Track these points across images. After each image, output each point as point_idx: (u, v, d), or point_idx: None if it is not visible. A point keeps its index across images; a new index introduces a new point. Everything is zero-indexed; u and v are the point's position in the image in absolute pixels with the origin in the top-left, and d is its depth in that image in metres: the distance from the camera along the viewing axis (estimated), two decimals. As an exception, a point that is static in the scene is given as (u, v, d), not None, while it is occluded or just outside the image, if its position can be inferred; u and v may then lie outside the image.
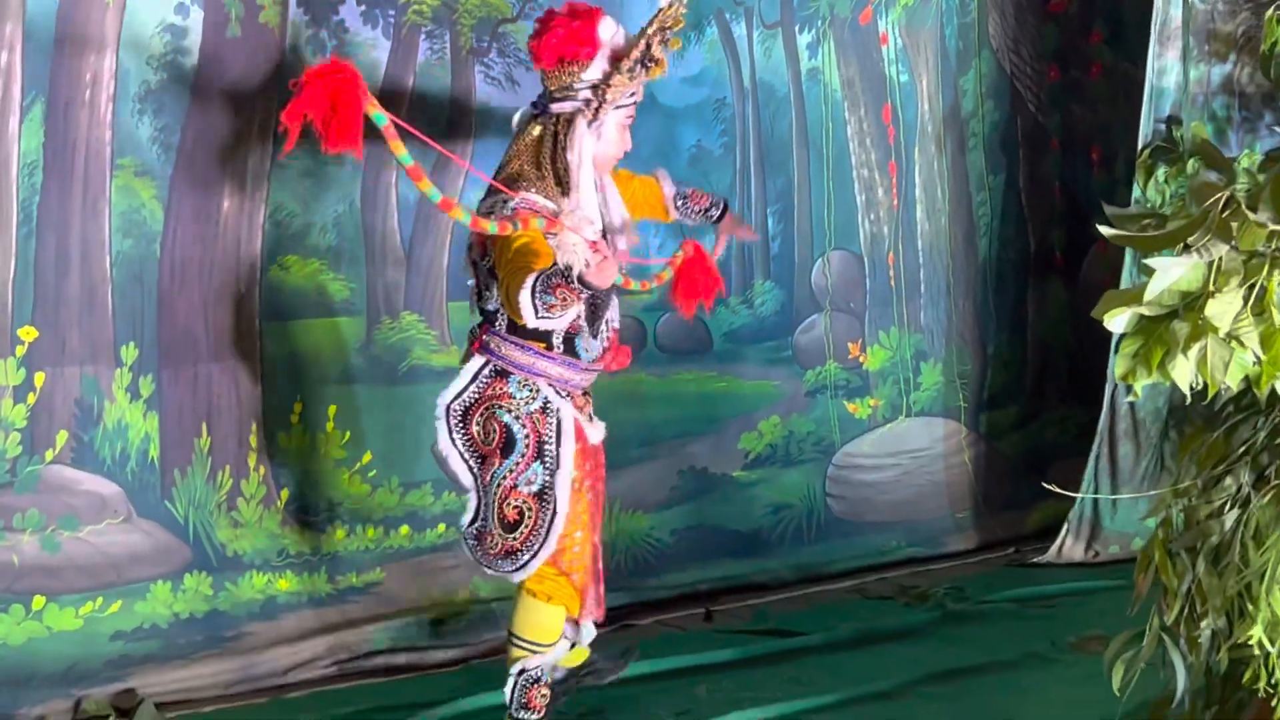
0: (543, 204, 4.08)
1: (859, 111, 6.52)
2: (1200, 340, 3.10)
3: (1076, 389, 6.86)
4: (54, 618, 4.84)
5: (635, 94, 4.28)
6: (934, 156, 6.73)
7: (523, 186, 4.17)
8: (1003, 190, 7.00)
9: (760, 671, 5.14)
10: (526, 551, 4.24)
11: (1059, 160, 7.17)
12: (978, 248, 6.93)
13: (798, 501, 6.41)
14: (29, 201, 4.77)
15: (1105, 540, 6.35)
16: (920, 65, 6.65)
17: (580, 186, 4.20)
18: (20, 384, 4.78)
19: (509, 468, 4.24)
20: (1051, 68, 7.08)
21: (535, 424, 4.26)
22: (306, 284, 5.37)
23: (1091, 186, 7.06)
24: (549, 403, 4.28)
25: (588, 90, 4.24)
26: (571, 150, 4.22)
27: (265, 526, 5.31)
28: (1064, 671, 5.02)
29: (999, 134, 6.96)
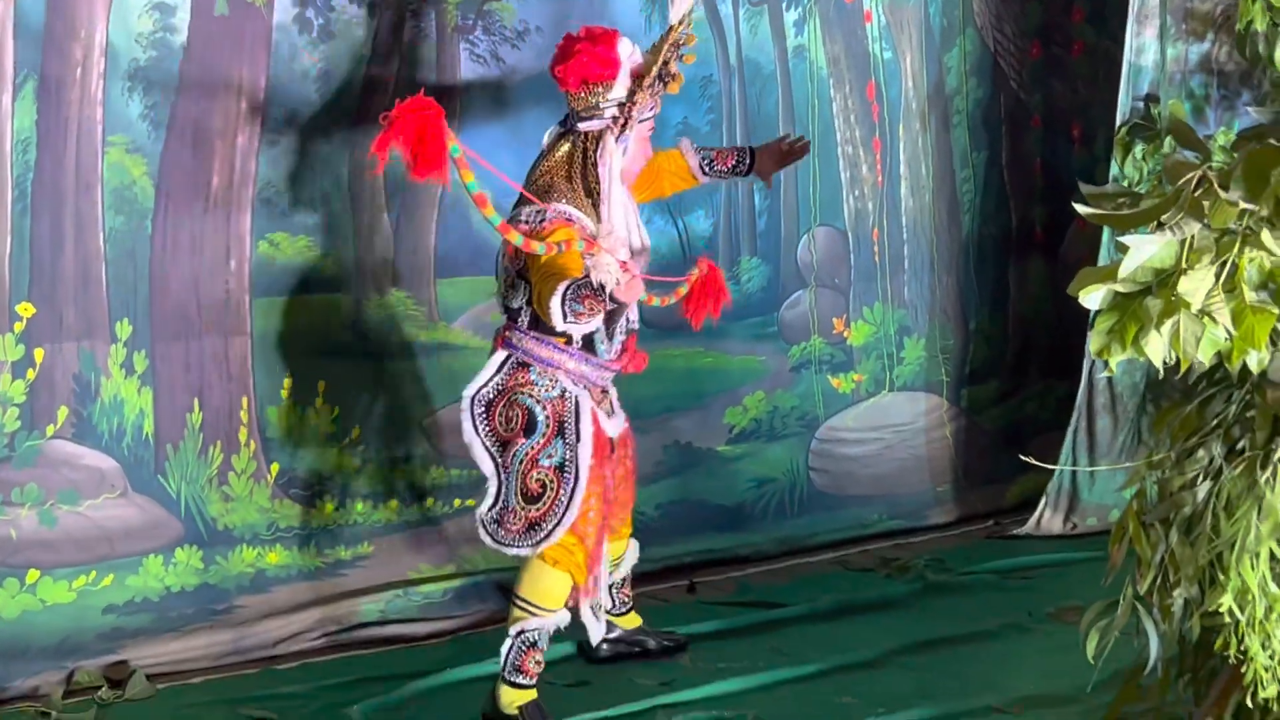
0: (575, 214, 4.38)
1: (844, 89, 6.56)
2: (1173, 316, 3.17)
3: (1057, 364, 6.90)
4: (48, 591, 4.89)
5: (655, 107, 4.56)
6: (918, 133, 6.77)
7: (554, 198, 4.44)
8: (986, 167, 7.04)
9: (743, 642, 5.21)
10: (550, 521, 4.44)
11: (1041, 137, 7.22)
12: (961, 224, 6.98)
13: (781, 475, 6.47)
14: (23, 178, 4.81)
15: (1083, 512, 6.42)
16: (904, 43, 6.69)
17: (612, 199, 4.48)
18: (19, 359, 4.83)
19: (532, 444, 4.46)
20: (1034, 45, 7.12)
21: (554, 407, 4.49)
22: (295, 260, 5.41)
23: (1072, 164, 7.11)
24: (567, 391, 4.51)
25: (614, 108, 4.51)
26: (603, 164, 4.49)
27: (255, 501, 5.35)
28: (1042, 641, 5.08)
29: (982, 111, 7.00)
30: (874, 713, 4.49)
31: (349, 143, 5.45)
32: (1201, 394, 3.71)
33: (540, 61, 5.76)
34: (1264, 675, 3.46)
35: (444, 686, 4.84)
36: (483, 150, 5.64)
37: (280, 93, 5.31)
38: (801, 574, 6.03)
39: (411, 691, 4.76)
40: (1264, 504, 3.43)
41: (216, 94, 5.19)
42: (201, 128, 5.16)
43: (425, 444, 5.70)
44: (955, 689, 4.67)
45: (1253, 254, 3.21)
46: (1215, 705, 3.70)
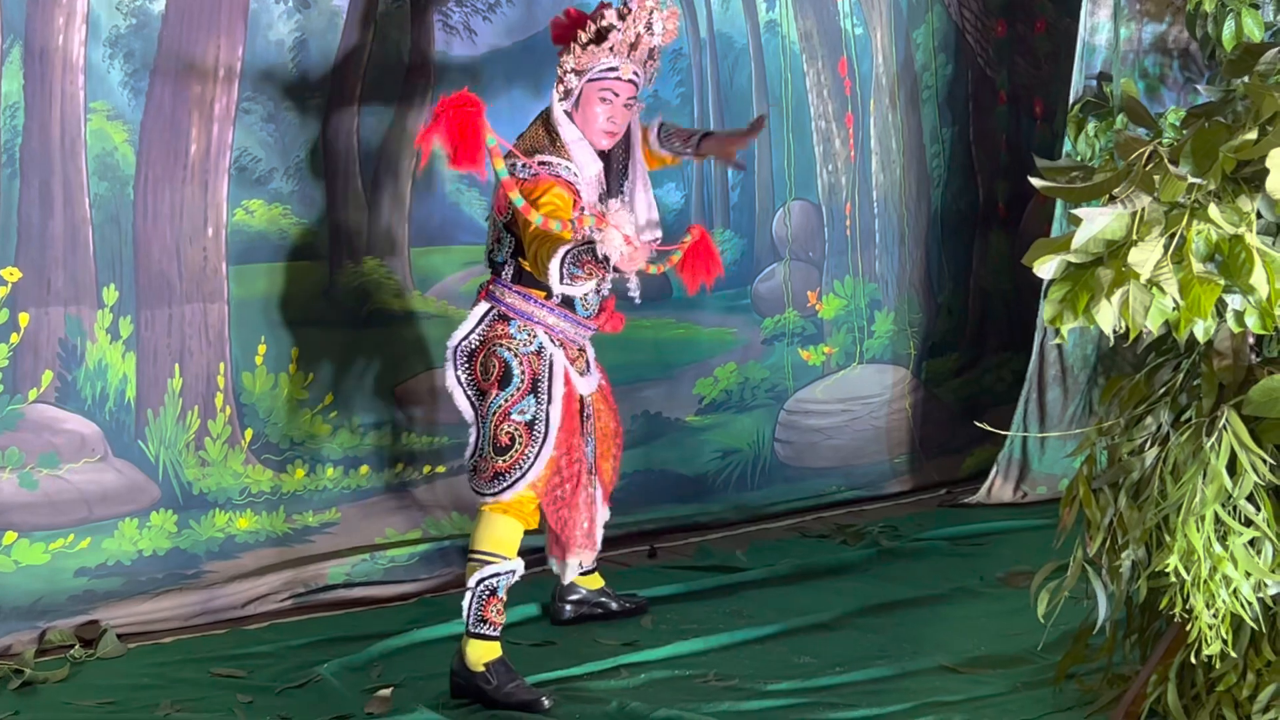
0: (555, 161, 4.59)
1: (816, 64, 6.65)
2: (1123, 286, 3.31)
3: (1015, 337, 7.00)
4: (23, 553, 4.95)
5: (616, 70, 4.67)
6: (888, 109, 6.87)
7: (540, 152, 4.63)
8: (954, 143, 7.14)
9: (703, 604, 5.32)
10: (514, 474, 4.59)
11: (1006, 114, 7.33)
12: (930, 199, 7.08)
13: (746, 447, 6.58)
14: (11, 143, 4.86)
15: (1033, 481, 6.56)
16: (874, 19, 6.78)
17: (573, 144, 4.65)
18: (3, 324, 4.88)
19: (505, 397, 4.62)
20: (999, 23, 7.23)
21: (530, 363, 4.65)
22: (270, 228, 5.48)
23: (1035, 140, 7.19)
24: (544, 347, 4.67)
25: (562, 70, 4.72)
26: (553, 116, 4.69)
27: (230, 466, 5.44)
28: (992, 604, 5.19)
29: (950, 88, 7.09)
30: (830, 672, 4.59)
31: (324, 111, 5.54)
32: (1150, 363, 3.87)
33: (511, 34, 5.90)
34: (1208, 633, 3.60)
35: (410, 646, 4.92)
36: (456, 119, 5.80)
37: (257, 62, 5.38)
38: (760, 540, 6.16)
39: (378, 651, 4.84)
40: (1209, 469, 3.56)
41: (194, 62, 5.25)
42: (180, 96, 5.23)
43: (397, 411, 5.77)
44: (909, 649, 4.77)
45: (1200, 227, 3.35)
46: (1160, 663, 3.86)
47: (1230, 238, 3.37)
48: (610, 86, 4.69)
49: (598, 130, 4.72)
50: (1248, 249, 3.35)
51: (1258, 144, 3.32)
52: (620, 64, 4.68)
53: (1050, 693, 4.25)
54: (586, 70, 4.67)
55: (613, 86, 4.69)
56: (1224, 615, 3.61)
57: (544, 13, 5.93)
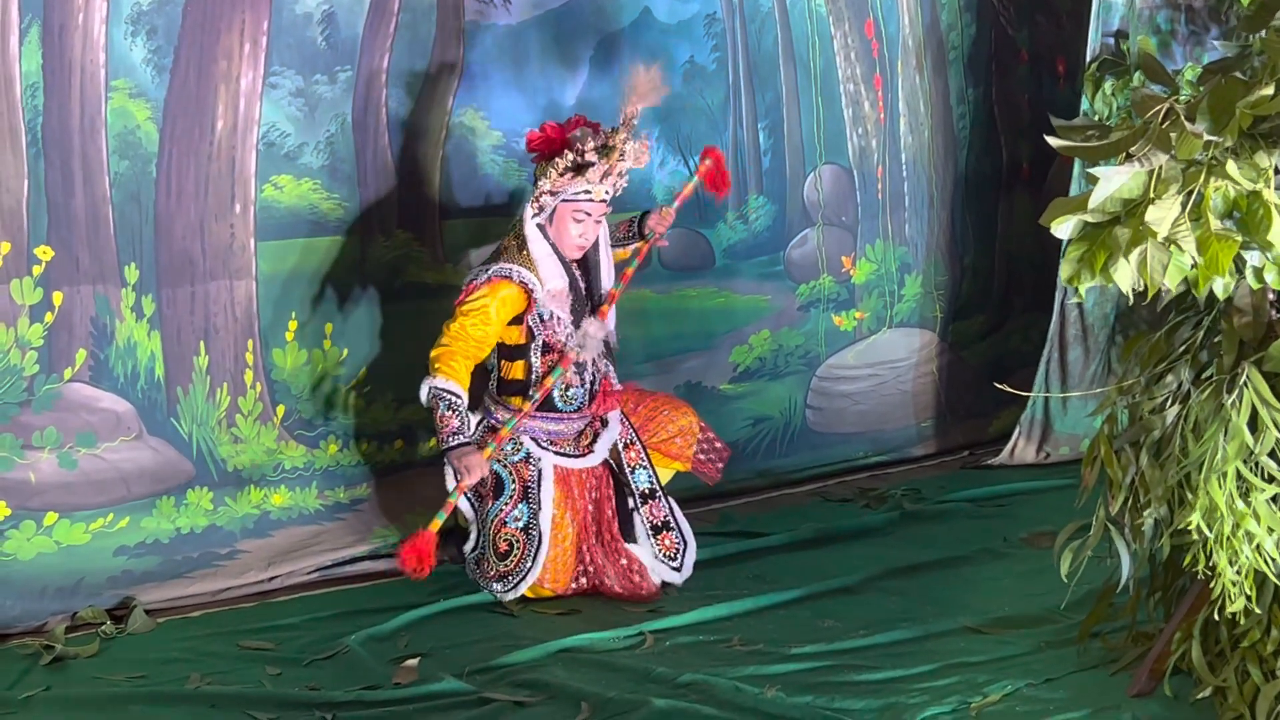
0: (514, 270, 5.07)
1: (844, 26, 6.64)
2: (1141, 244, 3.33)
3: (1041, 298, 6.93)
4: (64, 533, 4.98)
5: (589, 193, 5.08)
6: (915, 71, 6.85)
7: (504, 258, 5.12)
8: (979, 104, 7.12)
9: (727, 570, 5.37)
10: (516, 576, 5.06)
11: (1028, 74, 7.31)
12: (957, 161, 7.07)
13: (777, 414, 6.60)
14: (34, 122, 4.86)
15: (1056, 442, 6.57)
16: (899, -22, 6.76)
17: (540, 258, 5.09)
18: (38, 303, 4.89)
19: (500, 506, 5.11)
20: (1019, -19, 7.22)
21: (520, 471, 5.14)
22: (300, 203, 5.49)
23: (1057, 99, 7.14)
24: (531, 454, 5.15)
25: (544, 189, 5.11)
26: (525, 230, 5.11)
27: (263, 442, 5.47)
28: (1015, 565, 5.22)
29: (975, 48, 7.06)
30: (854, 635, 4.62)
31: (352, 85, 5.54)
32: (1170, 321, 3.88)
33: (544, 3, 5.90)
34: (1231, 590, 3.63)
35: (436, 615, 4.99)
36: (488, 92, 5.83)
37: (284, 35, 5.39)
38: (782, 505, 6.21)
39: (405, 621, 4.90)
40: (1230, 425, 3.59)
41: (219, 37, 5.26)
42: (205, 72, 5.24)
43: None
44: (932, 611, 4.80)
45: (1218, 184, 3.36)
46: (1184, 620, 3.88)
47: (1248, 194, 3.39)
48: (584, 207, 5.10)
49: (571, 244, 5.14)
50: (1266, 205, 3.36)
51: (1274, 99, 3.32)
52: (594, 187, 5.06)
53: (1074, 652, 4.27)
54: (561, 191, 5.06)
55: (585, 207, 5.10)
56: (1247, 572, 3.64)
57: (576, -19, 5.98)
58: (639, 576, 5.12)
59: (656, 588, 5.14)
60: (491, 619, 4.98)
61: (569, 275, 5.15)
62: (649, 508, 5.25)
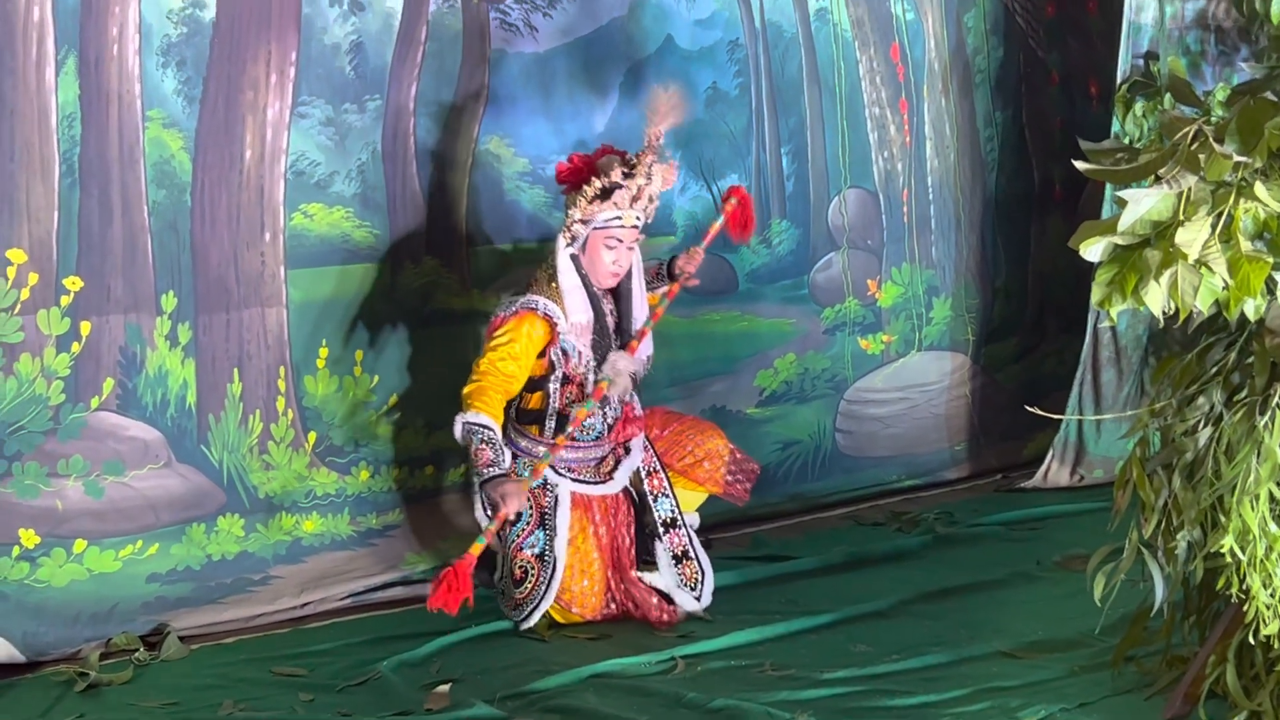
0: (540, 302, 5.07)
1: (869, 50, 6.65)
2: (1171, 267, 3.31)
3: (1075, 320, 6.89)
4: (95, 560, 5.00)
5: (620, 219, 5.09)
6: (941, 94, 6.85)
7: (532, 290, 5.12)
8: (1007, 126, 7.11)
9: (759, 594, 5.35)
10: (529, 605, 5.06)
11: (1059, 95, 7.29)
12: (986, 183, 7.06)
13: (807, 438, 6.58)
14: (70, 153, 4.91)
15: (1089, 464, 6.54)
16: (925, 4, 6.77)
17: (568, 290, 5.10)
18: (64, 333, 4.93)
19: (517, 532, 5.11)
20: (1049, 4, 7.20)
21: (536, 498, 5.12)
22: (331, 231, 5.51)
23: (1090, 121, 7.09)
24: (549, 481, 5.14)
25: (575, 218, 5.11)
26: (556, 258, 5.11)
27: (294, 469, 5.48)
28: (1049, 589, 5.19)
29: (1002, 71, 7.06)
30: (887, 659, 4.60)
31: (380, 114, 5.57)
32: (1201, 343, 3.86)
33: (572, 31, 5.93)
34: (1265, 613, 3.60)
35: (468, 641, 4.98)
36: (515, 120, 5.85)
37: (313, 66, 5.42)
38: (814, 529, 6.19)
39: (436, 647, 4.89)
40: (1263, 447, 3.57)
41: (245, 69, 5.29)
42: (233, 102, 5.27)
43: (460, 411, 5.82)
44: (965, 635, 4.77)
45: (1247, 205, 3.35)
46: (1219, 644, 3.85)
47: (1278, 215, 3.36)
48: (615, 234, 5.11)
49: (604, 272, 5.16)
50: (1296, 226, 3.35)
51: (1304, 120, 3.31)
52: (624, 213, 5.06)
53: (1109, 676, 4.24)
54: (592, 219, 5.07)
55: (617, 234, 5.11)
56: (1281, 595, 3.61)
57: (604, 9, 5.99)
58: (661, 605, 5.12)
59: (678, 614, 5.13)
60: (523, 644, 4.97)
61: (595, 309, 5.16)
62: (670, 536, 5.24)
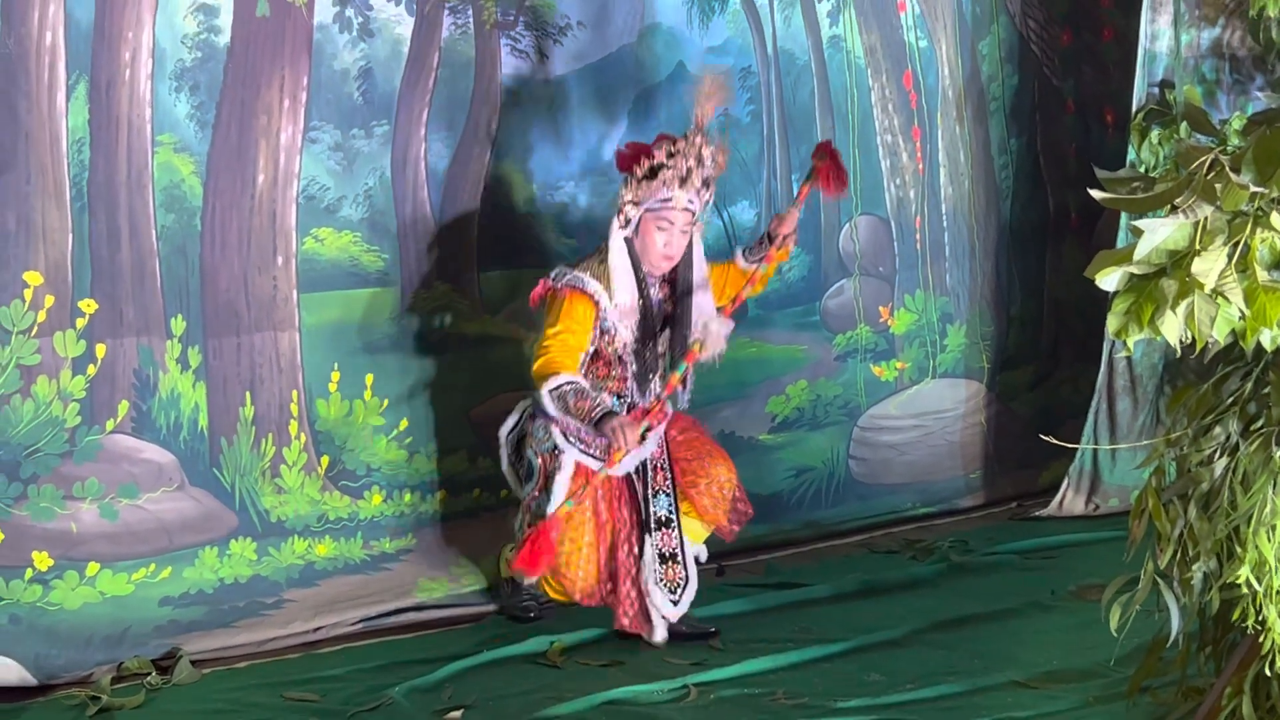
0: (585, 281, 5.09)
1: (881, 78, 6.67)
2: (1188, 297, 3.28)
3: (1091, 348, 6.88)
4: (107, 583, 5.00)
5: (670, 200, 5.09)
6: (955, 121, 6.86)
7: (580, 267, 5.15)
8: (1022, 154, 7.12)
9: (771, 622, 5.33)
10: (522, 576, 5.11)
11: (1075, 123, 7.30)
12: (1000, 211, 7.07)
13: (820, 465, 6.58)
14: (79, 177, 4.93)
15: (1105, 494, 6.54)
16: (939, 31, 6.78)
17: (616, 270, 5.11)
18: (80, 355, 4.94)
19: (527, 491, 5.23)
20: (1065, 31, 7.20)
21: (546, 461, 5.16)
22: (341, 256, 5.52)
23: (1106, 149, 7.13)
24: (557, 446, 5.14)
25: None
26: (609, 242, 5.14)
27: (307, 493, 5.48)
28: (1064, 618, 5.17)
29: (1017, 98, 7.07)
30: (901, 689, 4.58)
31: (391, 139, 5.59)
32: (1217, 373, 3.84)
33: (583, 58, 5.95)
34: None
35: (480, 667, 4.96)
36: (524, 144, 5.85)
37: (322, 91, 5.45)
38: (827, 556, 6.18)
39: (449, 673, 4.86)
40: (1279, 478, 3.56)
41: (259, 94, 5.32)
42: (245, 127, 5.30)
43: (472, 435, 5.80)
44: (980, 666, 4.75)
45: (1264, 235, 3.31)
46: (1235, 675, 3.82)
47: (1294, 245, 3.35)
48: (666, 216, 5.10)
49: (656, 255, 5.15)
50: (1312, 256, 3.33)
51: (1320, 150, 3.30)
52: (674, 194, 5.06)
53: (1123, 707, 4.21)
54: (643, 201, 5.08)
55: (668, 215, 5.10)
56: (1298, 626, 3.58)
57: (615, 35, 6.00)
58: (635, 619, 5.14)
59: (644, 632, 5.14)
60: (535, 671, 4.95)
61: (642, 296, 5.15)
62: (662, 534, 5.19)
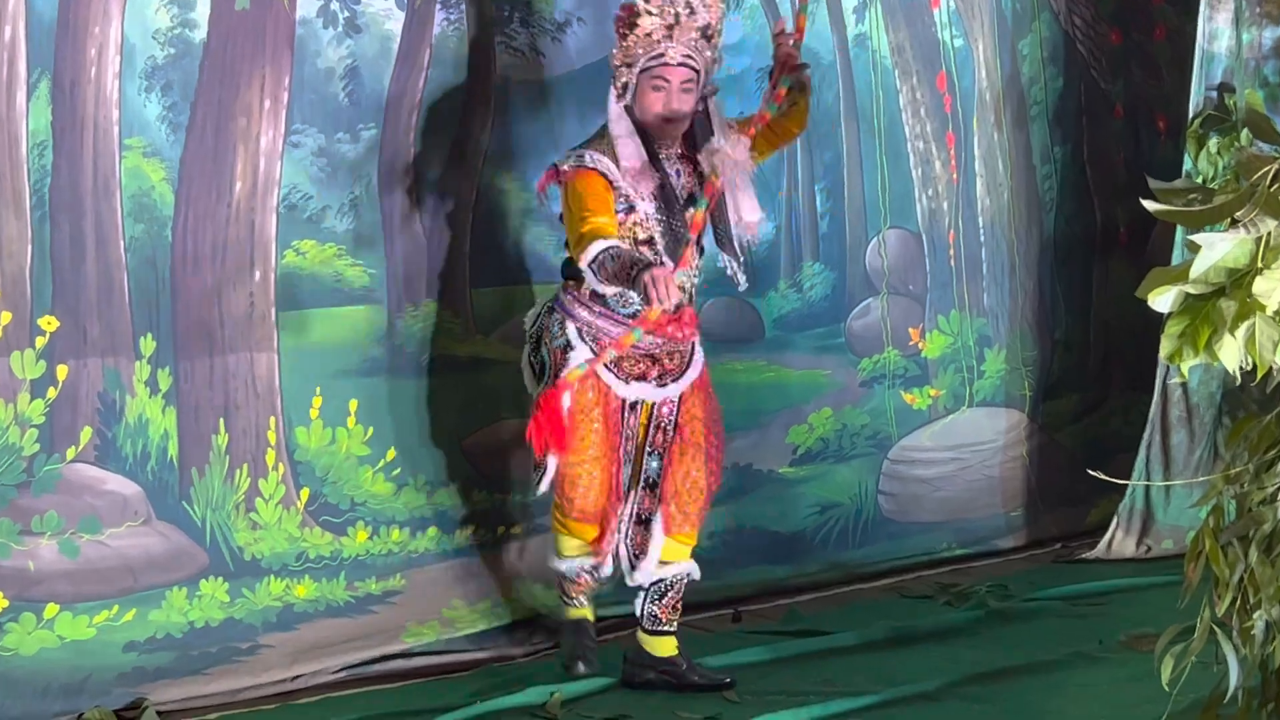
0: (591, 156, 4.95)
1: (911, 80, 6.67)
2: (1248, 319, 3.27)
3: (1144, 375, 6.88)
4: (66, 627, 4.96)
5: (663, 56, 4.93)
6: (993, 127, 6.86)
7: (584, 146, 5.03)
8: (1067, 163, 7.11)
9: (792, 672, 5.30)
10: (539, 469, 5.01)
11: (1124, 130, 7.29)
12: (1043, 224, 7.06)
13: (847, 500, 6.56)
14: (40, 184, 4.90)
15: (1158, 534, 6.52)
16: (976, 29, 6.79)
17: (619, 139, 4.99)
18: (39, 377, 4.90)
19: (542, 389, 5.02)
20: (1113, 30, 7.20)
21: (557, 358, 5.03)
22: (324, 270, 5.51)
23: (1158, 158, 7.10)
24: (569, 343, 5.01)
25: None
26: (608, 111, 5.04)
27: (285, 529, 5.45)
28: (1113, 671, 5.14)
29: (1061, 102, 7.06)
30: (932, 747, 4.59)
31: (378, 143, 5.58)
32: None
33: (583, 56, 5.94)
34: (1349, 701, 3.57)
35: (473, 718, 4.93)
36: (520, 149, 5.85)
37: (305, 92, 5.43)
38: (854, 601, 6.15)
39: (438, 727, 4.85)
40: (1348, 519, 3.54)
41: (238, 94, 5.30)
42: (223, 130, 5.28)
43: (465, 466, 5.79)
44: (1020, 721, 4.75)
45: (1332, 252, 3.33)
46: (1300, 735, 3.81)
47: (1365, 262, 3.33)
48: (660, 74, 4.95)
49: (655, 118, 5.00)
50: (1383, 275, 3.31)
51: (1393, 158, 3.28)
52: (666, 49, 4.93)
53: (1178, 768, 4.20)
54: (635, 61, 4.96)
55: (663, 73, 4.95)
56: (1366, 681, 3.56)
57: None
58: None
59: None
60: (533, 725, 4.95)
61: (658, 170, 5.01)
62: (643, 496, 5.16)
